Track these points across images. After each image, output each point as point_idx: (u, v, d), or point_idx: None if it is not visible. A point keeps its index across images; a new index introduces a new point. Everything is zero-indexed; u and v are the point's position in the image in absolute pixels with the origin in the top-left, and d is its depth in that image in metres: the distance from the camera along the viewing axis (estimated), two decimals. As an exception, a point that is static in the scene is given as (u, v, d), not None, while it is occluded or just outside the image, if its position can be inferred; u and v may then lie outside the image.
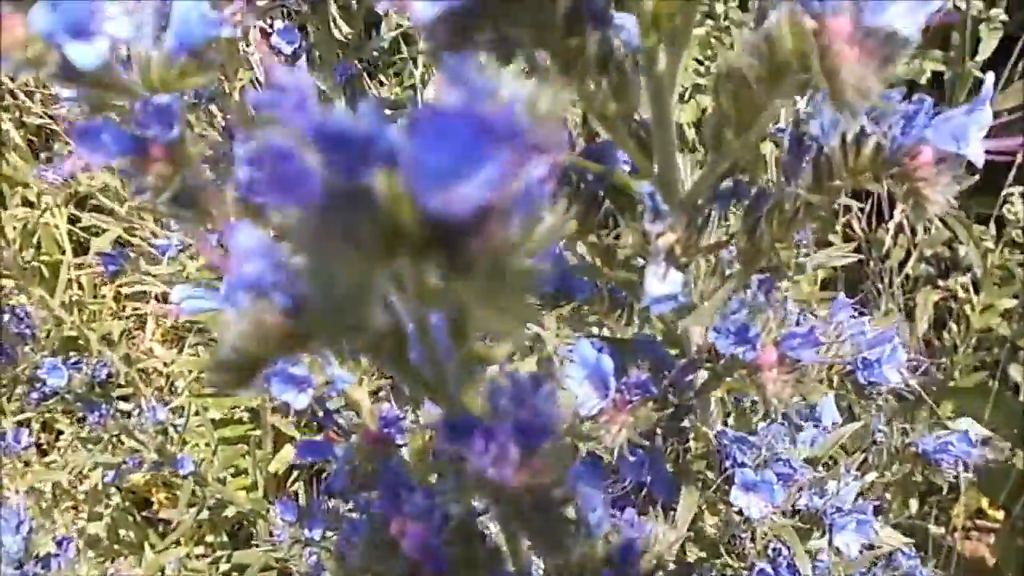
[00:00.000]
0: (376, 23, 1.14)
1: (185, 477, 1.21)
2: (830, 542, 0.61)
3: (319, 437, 0.60)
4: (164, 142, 0.38)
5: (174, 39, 0.39)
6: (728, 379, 0.46)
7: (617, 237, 0.45)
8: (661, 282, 0.40)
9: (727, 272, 0.48)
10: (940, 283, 1.98)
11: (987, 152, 0.38)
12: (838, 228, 2.03)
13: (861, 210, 2.03)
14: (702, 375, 0.50)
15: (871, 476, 0.73)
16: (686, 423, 0.59)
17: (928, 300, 1.87)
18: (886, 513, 1.77)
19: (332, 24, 1.04)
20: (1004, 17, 1.50)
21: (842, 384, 0.54)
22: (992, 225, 1.61)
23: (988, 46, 1.51)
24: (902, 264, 1.98)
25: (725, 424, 0.65)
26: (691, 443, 0.61)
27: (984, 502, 1.62)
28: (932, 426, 0.84)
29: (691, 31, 0.36)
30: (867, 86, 0.29)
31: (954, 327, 1.57)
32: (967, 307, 1.56)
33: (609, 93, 0.37)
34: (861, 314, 1.86)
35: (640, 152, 0.41)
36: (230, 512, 1.43)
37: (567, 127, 0.44)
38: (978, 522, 1.76)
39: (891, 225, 1.70)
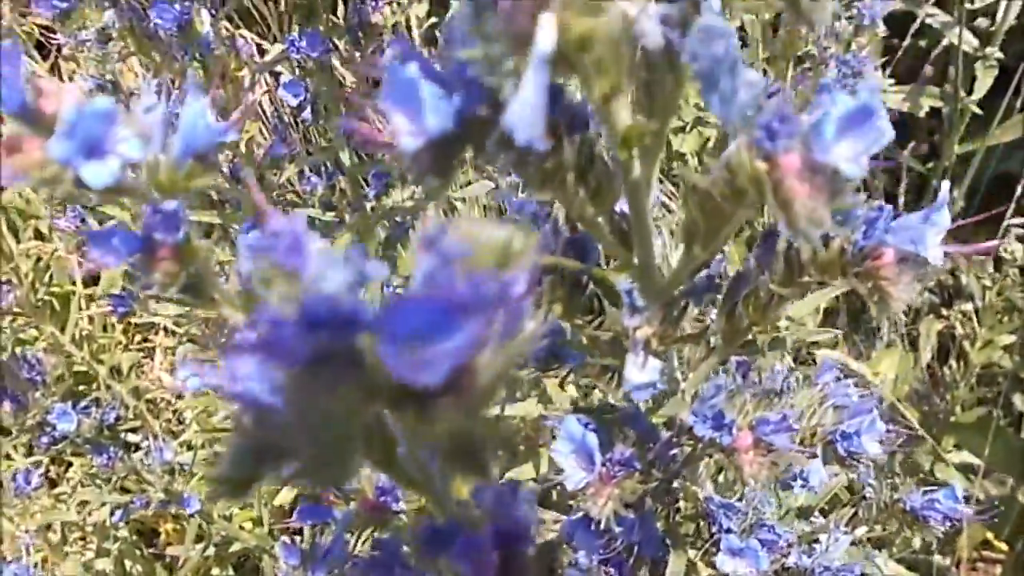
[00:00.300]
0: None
1: (192, 515, 1.23)
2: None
3: (319, 498, 0.62)
4: (170, 243, 0.41)
5: (181, 145, 0.41)
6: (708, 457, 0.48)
7: (602, 321, 0.47)
8: (640, 371, 0.43)
9: (712, 344, 0.50)
10: (944, 312, 1.98)
11: (964, 255, 0.40)
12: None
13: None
14: (687, 447, 0.51)
15: (861, 531, 0.74)
16: (676, 484, 0.60)
17: (931, 330, 1.88)
18: (890, 547, 1.77)
19: (336, 76, 1.08)
20: (999, 55, 1.52)
21: (825, 451, 0.56)
22: (991, 259, 1.62)
23: (984, 84, 1.53)
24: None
25: (715, 481, 0.67)
26: (681, 503, 0.63)
27: (990, 534, 1.62)
28: (922, 480, 0.85)
29: (663, 144, 0.39)
30: (818, 216, 0.31)
31: (954, 363, 1.58)
32: (966, 341, 1.56)
33: (587, 198, 0.40)
34: (852, 342, 1.84)
35: (620, 246, 0.43)
36: (236, 547, 1.45)
37: (550, 218, 0.47)
38: (984, 553, 1.75)
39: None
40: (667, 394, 0.47)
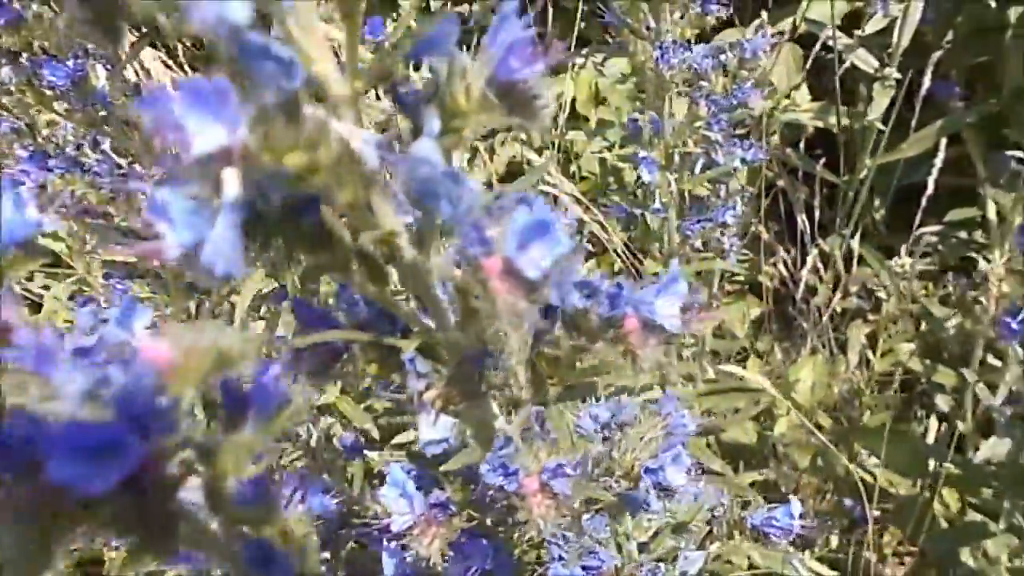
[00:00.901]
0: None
1: None
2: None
3: None
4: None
5: (2, 238, 0.46)
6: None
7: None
8: (431, 428, 0.47)
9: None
10: (872, 317, 2.06)
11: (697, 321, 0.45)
12: (766, 269, 2.12)
13: (787, 250, 2.13)
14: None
15: (714, 547, 0.80)
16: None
17: (858, 335, 1.95)
18: (812, 547, 1.84)
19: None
20: (897, 75, 1.60)
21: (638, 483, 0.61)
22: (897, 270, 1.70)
23: (880, 104, 1.60)
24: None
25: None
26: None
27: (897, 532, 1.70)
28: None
29: (433, 232, 0.43)
30: (519, 309, 0.36)
31: (857, 371, 1.65)
32: (868, 350, 1.64)
33: (366, 280, 0.44)
34: (785, 349, 1.90)
35: (410, 318, 0.48)
36: None
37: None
38: (912, 548, 1.83)
39: (808, 263, 1.78)
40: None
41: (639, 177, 1.06)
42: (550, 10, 2.05)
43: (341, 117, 0.37)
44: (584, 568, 0.60)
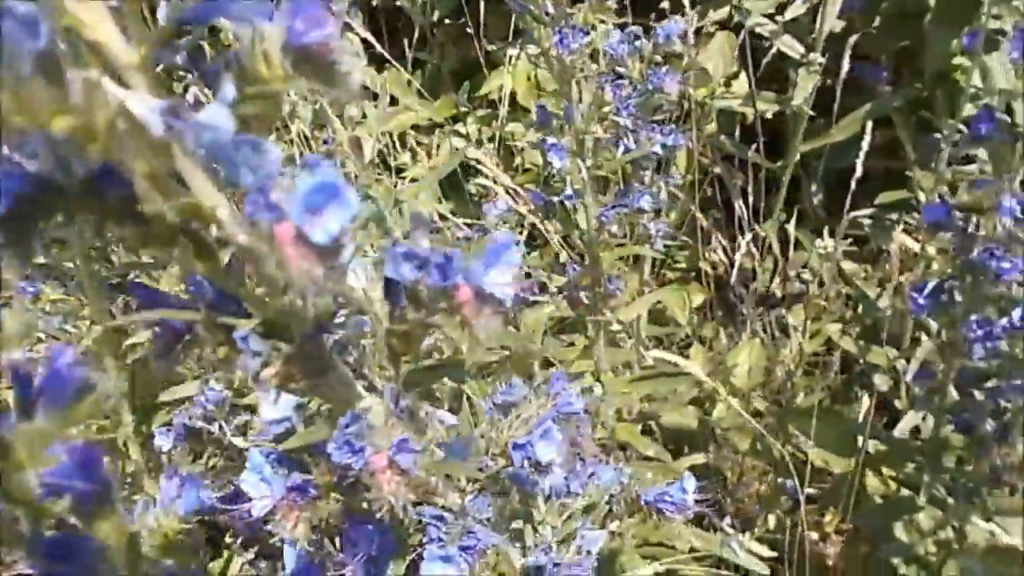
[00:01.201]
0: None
1: None
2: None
3: None
4: None
5: None
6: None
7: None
8: (273, 407, 0.47)
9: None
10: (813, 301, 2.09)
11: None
12: (706, 255, 2.14)
13: (730, 237, 2.15)
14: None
15: (613, 525, 0.80)
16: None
17: (798, 318, 1.98)
18: (752, 528, 1.86)
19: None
20: (822, 60, 1.62)
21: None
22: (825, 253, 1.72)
23: (804, 88, 1.63)
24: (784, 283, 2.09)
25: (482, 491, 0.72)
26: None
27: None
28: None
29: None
30: (314, 274, 0.35)
31: (787, 352, 1.67)
32: (796, 332, 1.66)
33: (192, 254, 0.43)
34: (729, 335, 1.92)
35: (248, 298, 0.47)
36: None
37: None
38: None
39: (741, 247, 1.80)
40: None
41: (550, 163, 1.06)
42: (481, 1, 2.05)
43: (131, 86, 0.36)
44: (463, 548, 0.60)
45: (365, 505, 0.61)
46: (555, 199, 1.14)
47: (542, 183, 1.19)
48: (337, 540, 0.65)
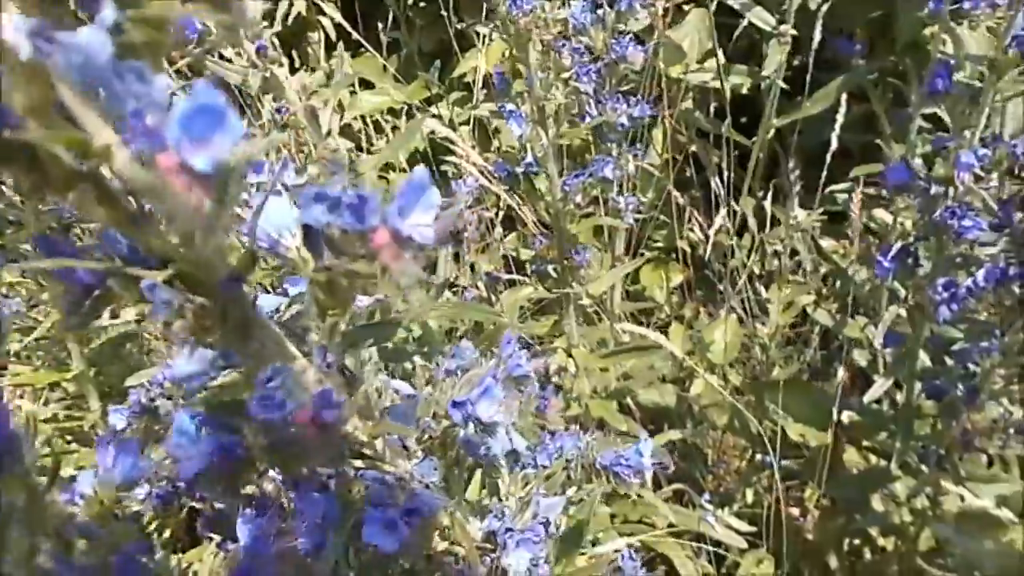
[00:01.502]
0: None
1: None
2: (499, 562, 0.67)
3: None
4: None
5: None
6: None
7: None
8: (188, 361, 0.45)
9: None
10: (792, 277, 2.08)
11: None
12: (684, 234, 2.13)
13: (710, 215, 2.13)
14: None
15: (571, 491, 0.79)
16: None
17: (776, 294, 1.97)
18: (731, 503, 1.85)
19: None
20: (793, 32, 1.61)
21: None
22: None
23: (774, 60, 1.61)
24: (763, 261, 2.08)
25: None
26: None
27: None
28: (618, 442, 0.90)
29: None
30: (201, 207, 0.34)
31: (761, 327, 1.67)
32: (770, 304, 1.65)
33: (93, 200, 0.41)
34: (709, 314, 1.91)
35: (162, 248, 0.45)
36: None
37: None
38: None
39: (716, 224, 1.79)
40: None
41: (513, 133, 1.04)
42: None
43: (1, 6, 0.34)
44: (407, 512, 0.58)
45: (305, 471, 0.59)
46: (518, 170, 1.12)
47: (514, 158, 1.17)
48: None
